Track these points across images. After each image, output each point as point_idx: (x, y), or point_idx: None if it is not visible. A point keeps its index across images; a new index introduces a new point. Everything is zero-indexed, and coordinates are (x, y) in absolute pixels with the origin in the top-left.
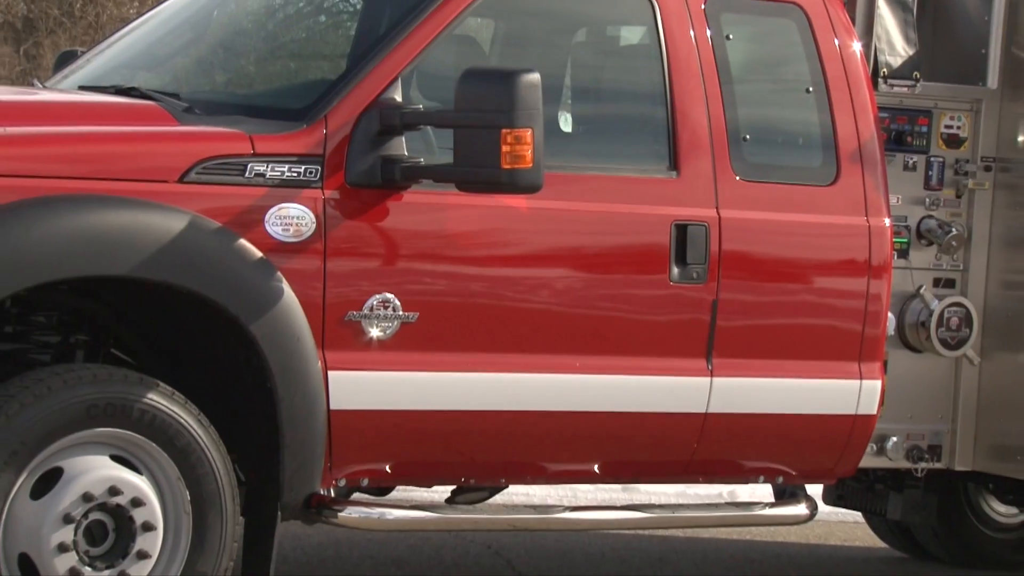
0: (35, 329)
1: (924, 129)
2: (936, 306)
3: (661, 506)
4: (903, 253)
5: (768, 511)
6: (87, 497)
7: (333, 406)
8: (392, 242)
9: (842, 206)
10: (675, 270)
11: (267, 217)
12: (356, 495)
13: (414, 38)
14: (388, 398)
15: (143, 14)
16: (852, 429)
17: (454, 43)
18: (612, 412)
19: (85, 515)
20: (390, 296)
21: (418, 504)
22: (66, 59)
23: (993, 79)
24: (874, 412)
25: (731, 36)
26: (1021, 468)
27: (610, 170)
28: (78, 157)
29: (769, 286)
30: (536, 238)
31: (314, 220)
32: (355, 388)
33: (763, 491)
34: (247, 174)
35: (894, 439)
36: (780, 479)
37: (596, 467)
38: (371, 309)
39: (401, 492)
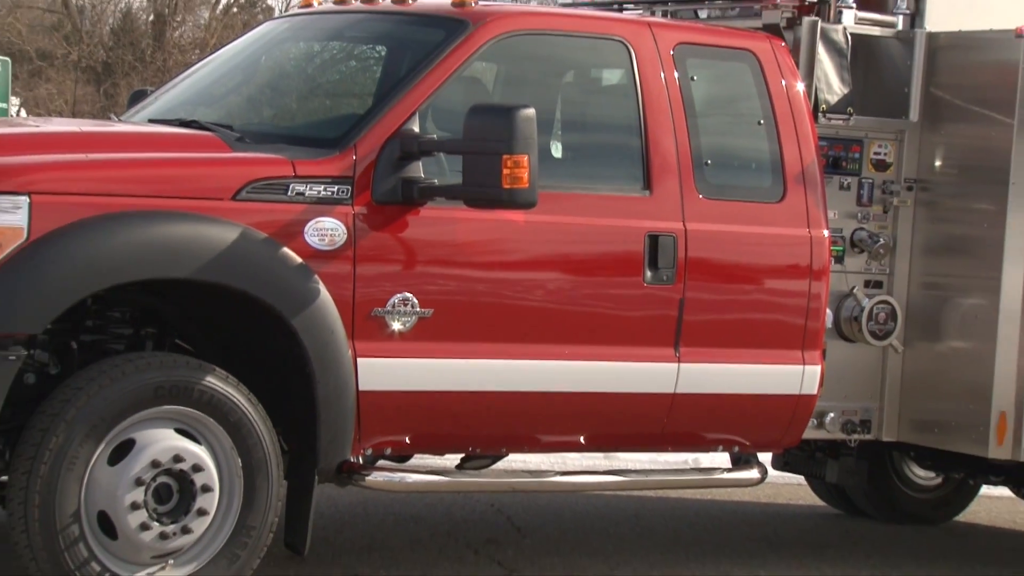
0: (112, 323)
1: (856, 155)
2: (866, 304)
3: (636, 471)
4: (839, 259)
5: (726, 475)
6: (155, 464)
7: (361, 388)
8: (411, 250)
9: (788, 220)
10: (648, 273)
11: (306, 229)
12: (380, 462)
13: (429, 79)
14: (407, 381)
15: (203, 59)
16: (796, 407)
17: (462, 83)
18: (595, 392)
19: (153, 479)
20: (409, 295)
21: (432, 469)
22: (138, 97)
23: (914, 113)
24: (815, 392)
25: (695, 77)
26: (938, 439)
27: (593, 189)
28: (148, 179)
29: (727, 287)
30: (531, 247)
31: (345, 232)
32: (380, 372)
33: (722, 459)
34: (289, 193)
35: (831, 415)
36: (736, 448)
37: (582, 438)
38: (393, 306)
39: (418, 459)
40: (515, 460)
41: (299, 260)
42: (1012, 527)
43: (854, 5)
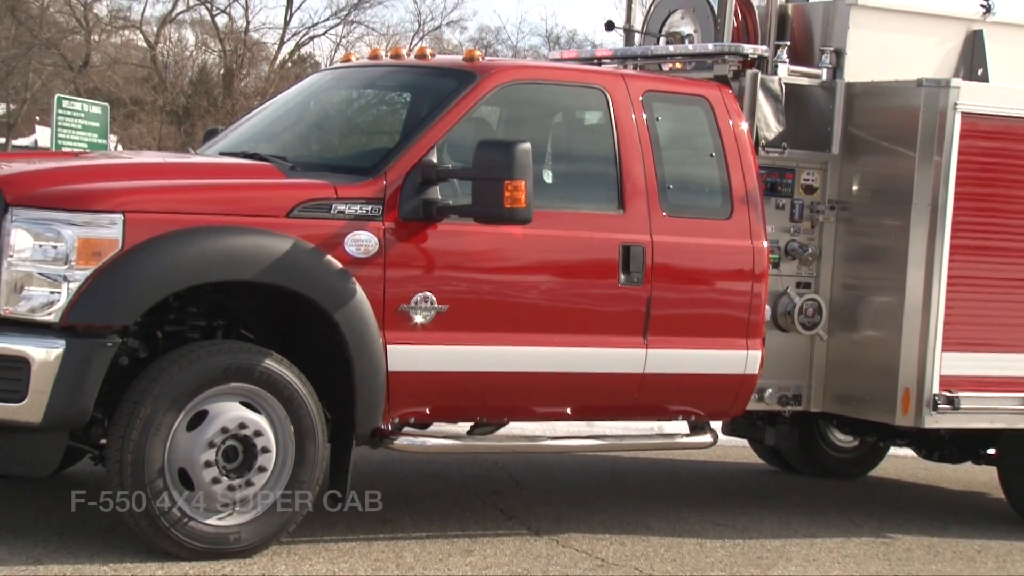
0: (189, 316)
1: (789, 181)
2: (797, 301)
3: (612, 436)
4: (776, 265)
5: (684, 439)
6: (224, 430)
7: (390, 369)
8: (430, 257)
9: (735, 233)
10: (622, 276)
11: (345, 240)
12: (405, 429)
13: (444, 120)
14: (428, 363)
15: (263, 104)
16: (741, 384)
17: (471, 123)
18: (579, 372)
19: (223, 442)
20: (429, 294)
21: (448, 435)
22: (211, 135)
23: (836, 147)
24: (756, 372)
25: (659, 118)
26: (855, 409)
27: (578, 209)
28: (218, 200)
29: (686, 287)
30: (527, 255)
31: (377, 243)
32: (405, 357)
33: (681, 426)
34: (332, 211)
35: (770, 390)
36: (693, 418)
37: (568, 410)
38: (416, 303)
39: (436, 427)
40: (514, 427)
41: (340, 266)
42: (914, 480)
43: (787, 60)
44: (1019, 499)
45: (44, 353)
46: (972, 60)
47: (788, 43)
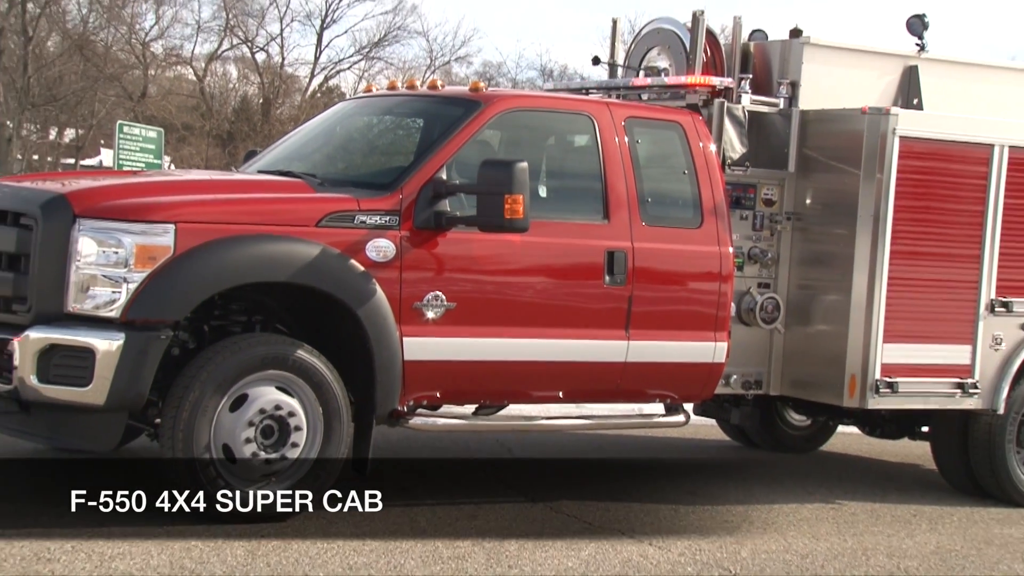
0: (231, 313)
1: (752, 196)
2: (759, 299)
3: (598, 416)
4: (740, 268)
5: (661, 419)
6: (262, 411)
7: (406, 358)
8: (440, 261)
9: (704, 240)
10: (607, 278)
11: (367, 247)
12: (419, 410)
13: (453, 142)
14: (438, 353)
15: (296, 129)
16: (710, 371)
17: (476, 145)
18: (570, 361)
19: (261, 421)
20: (439, 293)
21: (455, 415)
22: (251, 155)
23: (792, 166)
24: (723, 361)
25: (639, 140)
26: (808, 393)
27: (568, 219)
28: (257, 212)
29: (662, 287)
30: (525, 259)
31: (395, 249)
32: (418, 348)
33: (658, 408)
34: (355, 222)
35: (735, 376)
36: (668, 400)
37: (560, 394)
38: (428, 301)
39: (445, 408)
40: (513, 409)
41: (362, 269)
42: (859, 454)
43: (749, 91)
44: (948, 470)
45: (107, 344)
46: (908, 91)
47: (750, 76)
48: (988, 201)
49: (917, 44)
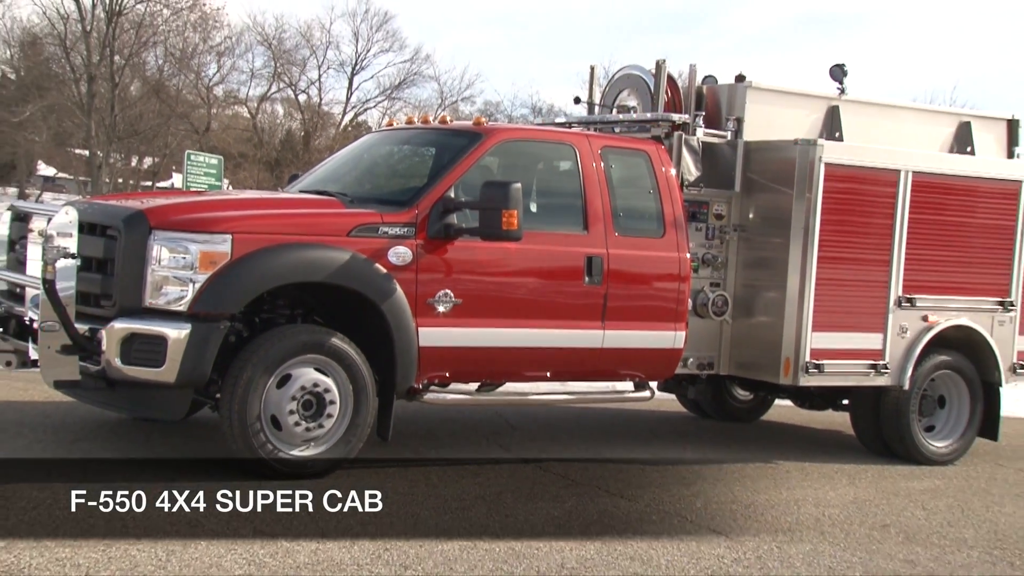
0: (277, 307)
1: (705, 211)
2: (711, 295)
3: (579, 392)
4: (696, 270)
5: (631, 395)
6: (303, 388)
7: (420, 344)
8: (449, 265)
9: (666, 248)
10: (586, 278)
11: (388, 253)
12: (431, 387)
13: (459, 167)
14: (447, 341)
15: (330, 156)
16: (671, 355)
17: (478, 169)
18: (556, 347)
19: (302, 396)
20: (448, 291)
21: (462, 392)
22: (293, 178)
23: (738, 186)
24: (682, 347)
25: (613, 166)
26: (751, 373)
27: (555, 230)
28: (298, 224)
29: (632, 286)
30: (519, 263)
31: (411, 254)
32: (431, 336)
33: (628, 386)
34: (379, 232)
35: (691, 359)
36: (637, 379)
37: (548, 374)
38: (439, 297)
39: (453, 386)
40: (510, 387)
41: (384, 271)
42: (791, 423)
43: (703, 125)
44: (864, 434)
45: (176, 333)
46: (832, 126)
47: (703, 113)
48: (896, 216)
49: (838, 88)
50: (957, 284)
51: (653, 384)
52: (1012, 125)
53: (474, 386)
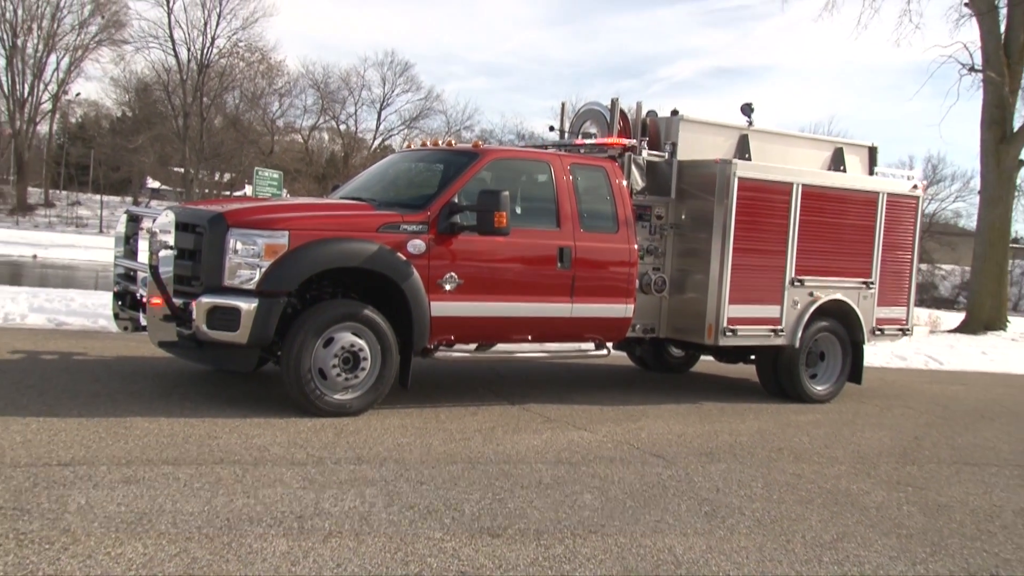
0: (323, 286)
1: (649, 213)
2: (653, 277)
3: (553, 351)
4: (642, 258)
5: (592, 353)
6: (343, 347)
7: (432, 315)
8: (454, 254)
9: (620, 241)
10: (559, 264)
11: (407, 245)
12: (440, 347)
13: (461, 180)
14: (452, 312)
15: (363, 171)
16: (623, 323)
17: (476, 181)
18: (536, 317)
19: (342, 354)
20: (454, 274)
21: (464, 351)
22: (335, 188)
23: (673, 194)
24: (631, 316)
25: (579, 178)
26: (683, 336)
27: (535, 227)
28: (339, 223)
29: (594, 270)
30: (508, 252)
31: (425, 246)
32: (440, 308)
33: (590, 346)
34: (400, 229)
35: (638, 325)
36: (597, 340)
37: (530, 337)
38: (446, 279)
39: (457, 346)
40: (501, 347)
41: (404, 259)
42: (713, 373)
43: (647, 148)
44: (766, 381)
45: (247, 306)
46: (742, 149)
47: (647, 138)
48: (790, 217)
49: (747, 121)
50: (834, 269)
51: (609, 344)
52: (872, 151)
53: (473, 346)
